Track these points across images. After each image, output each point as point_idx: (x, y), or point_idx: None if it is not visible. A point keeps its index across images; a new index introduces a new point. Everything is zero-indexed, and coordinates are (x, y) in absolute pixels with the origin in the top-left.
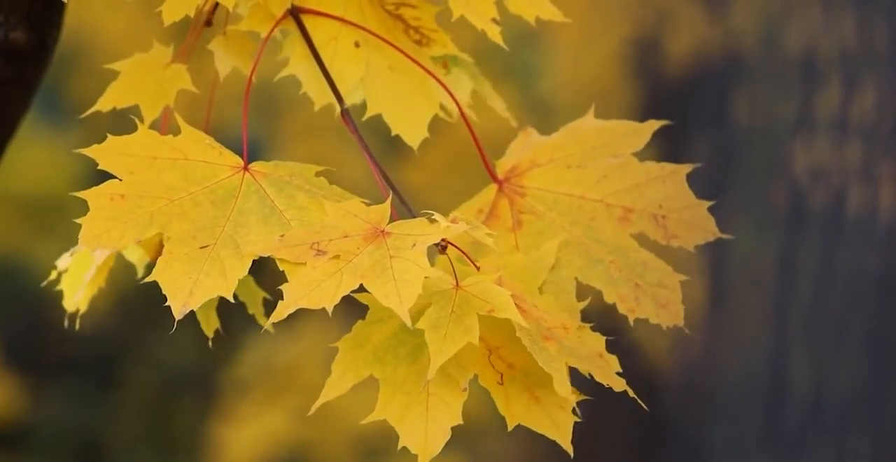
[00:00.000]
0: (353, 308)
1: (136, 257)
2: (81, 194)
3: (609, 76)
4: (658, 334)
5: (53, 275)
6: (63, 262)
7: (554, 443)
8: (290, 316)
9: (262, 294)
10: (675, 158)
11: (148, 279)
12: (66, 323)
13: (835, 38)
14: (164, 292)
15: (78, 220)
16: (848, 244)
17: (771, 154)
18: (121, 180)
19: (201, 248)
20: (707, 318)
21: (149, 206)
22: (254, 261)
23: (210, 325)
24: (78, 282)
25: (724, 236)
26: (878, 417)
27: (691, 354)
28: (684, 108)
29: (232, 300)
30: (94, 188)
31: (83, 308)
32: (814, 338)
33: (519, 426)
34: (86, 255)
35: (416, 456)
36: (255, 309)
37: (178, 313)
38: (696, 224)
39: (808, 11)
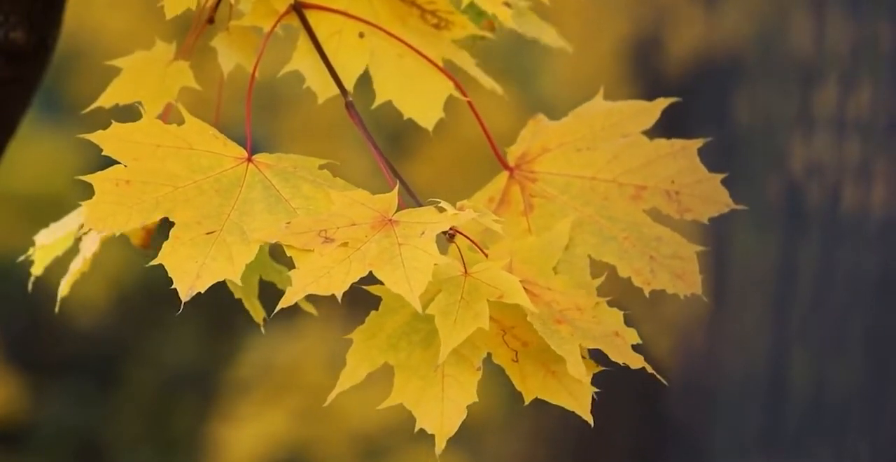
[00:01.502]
0: (354, 309)
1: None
2: (87, 178)
3: (609, 75)
4: (659, 334)
5: (31, 251)
6: (41, 238)
7: (554, 442)
8: (290, 315)
9: (256, 290)
10: None
11: (153, 262)
12: (30, 287)
13: (833, 36)
14: (170, 275)
15: (82, 203)
16: (846, 242)
17: (771, 153)
18: (125, 166)
19: (207, 233)
20: (708, 317)
21: (154, 192)
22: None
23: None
24: (51, 252)
25: (738, 207)
26: (878, 417)
27: (692, 354)
28: (684, 107)
29: (240, 284)
30: (99, 173)
31: (64, 293)
32: (814, 337)
33: (520, 426)
34: (68, 235)
35: (416, 456)
36: (252, 304)
37: (185, 295)
38: (710, 197)
39: (806, 10)
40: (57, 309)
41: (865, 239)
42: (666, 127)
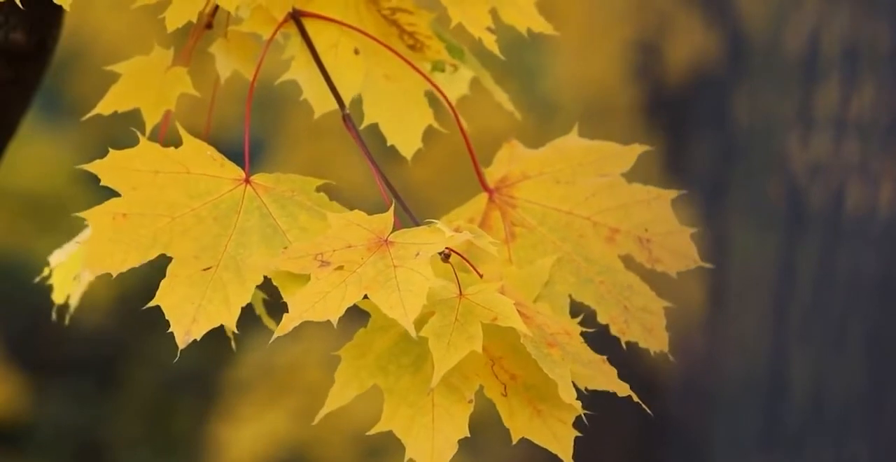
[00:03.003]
0: (354, 310)
1: None
2: (84, 214)
3: (611, 76)
4: None
5: (46, 271)
6: (55, 257)
7: None
8: None
9: (261, 295)
10: (677, 157)
11: (151, 304)
12: (53, 315)
13: (834, 36)
14: (167, 317)
15: (81, 242)
16: (847, 243)
17: (771, 153)
18: (122, 196)
19: (204, 270)
20: (707, 318)
21: (150, 224)
22: None
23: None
24: (69, 276)
25: (705, 265)
26: (877, 417)
27: (692, 354)
28: (685, 107)
29: (235, 330)
30: (95, 208)
31: (74, 303)
32: (813, 338)
33: None
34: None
35: None
36: (261, 310)
37: (182, 342)
38: (679, 250)
39: (807, 10)
40: (67, 321)
41: (866, 239)
42: (668, 128)
